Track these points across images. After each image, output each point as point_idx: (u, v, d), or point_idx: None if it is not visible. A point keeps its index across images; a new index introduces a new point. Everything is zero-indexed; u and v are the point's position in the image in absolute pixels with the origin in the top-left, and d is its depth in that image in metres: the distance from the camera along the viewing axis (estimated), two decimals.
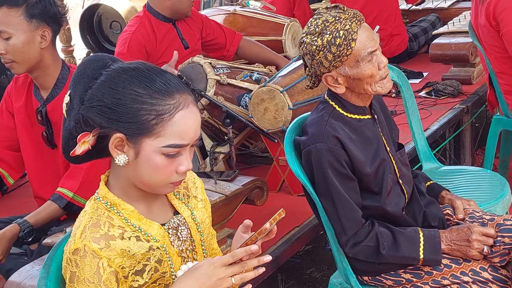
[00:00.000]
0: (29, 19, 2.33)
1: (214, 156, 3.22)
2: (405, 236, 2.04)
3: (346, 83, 2.04)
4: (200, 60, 3.20)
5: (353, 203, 2.03)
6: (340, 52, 1.97)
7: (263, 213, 2.78)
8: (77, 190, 2.35)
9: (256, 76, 3.32)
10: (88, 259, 1.39)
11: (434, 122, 3.65)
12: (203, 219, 1.62)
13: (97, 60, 1.46)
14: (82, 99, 1.41)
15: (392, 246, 2.03)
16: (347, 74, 2.01)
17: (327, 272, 3.19)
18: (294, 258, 3.23)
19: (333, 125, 2.03)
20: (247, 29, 4.16)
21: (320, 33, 1.98)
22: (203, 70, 3.17)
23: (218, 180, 2.56)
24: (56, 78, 2.44)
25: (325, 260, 3.33)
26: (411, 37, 4.92)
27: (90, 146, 1.43)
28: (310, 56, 2.02)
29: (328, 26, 1.97)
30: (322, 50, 1.98)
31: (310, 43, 2.00)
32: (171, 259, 1.50)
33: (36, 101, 2.49)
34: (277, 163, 3.17)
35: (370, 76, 2.01)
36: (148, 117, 1.39)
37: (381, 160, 2.08)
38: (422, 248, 2.02)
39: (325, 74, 2.03)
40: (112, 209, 1.47)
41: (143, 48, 3.42)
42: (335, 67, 2.01)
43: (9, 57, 2.35)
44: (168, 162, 1.42)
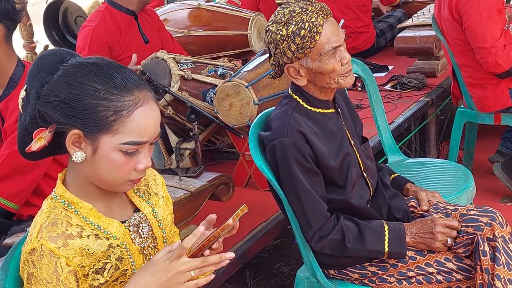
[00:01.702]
0: None
1: (179, 153, 3.19)
2: (370, 229, 2.05)
3: (308, 75, 2.04)
4: (163, 55, 3.16)
5: (318, 197, 2.02)
6: (304, 44, 1.96)
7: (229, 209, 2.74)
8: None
9: (221, 71, 3.30)
10: (45, 259, 1.36)
11: (399, 115, 3.67)
12: (165, 216, 1.60)
13: (54, 54, 1.43)
14: (39, 94, 1.38)
15: (358, 240, 2.03)
16: (309, 67, 2.01)
17: (295, 266, 3.18)
18: (262, 253, 3.22)
19: (297, 120, 2.03)
20: (211, 23, 4.13)
21: (286, 22, 1.97)
22: (166, 66, 3.13)
23: (183, 177, 2.53)
24: (9, 76, 2.38)
25: (293, 255, 3.32)
26: (378, 33, 4.95)
27: (47, 142, 1.39)
28: (274, 45, 2.01)
29: (294, 17, 1.96)
30: (286, 40, 1.97)
31: (275, 32, 1.99)
32: (132, 256, 1.47)
33: None
34: (243, 159, 3.16)
35: (332, 71, 2.01)
36: (106, 113, 1.36)
37: (345, 153, 2.08)
38: (387, 241, 2.03)
39: (287, 64, 2.03)
40: (70, 207, 1.44)
41: (105, 45, 3.37)
42: (298, 58, 2.00)
43: None
44: (126, 159, 1.39)
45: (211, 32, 4.08)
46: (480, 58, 3.17)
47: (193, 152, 3.18)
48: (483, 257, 1.98)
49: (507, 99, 3.29)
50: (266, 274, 3.23)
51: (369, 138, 2.33)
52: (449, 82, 3.79)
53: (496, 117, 3.40)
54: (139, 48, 3.40)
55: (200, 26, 4.13)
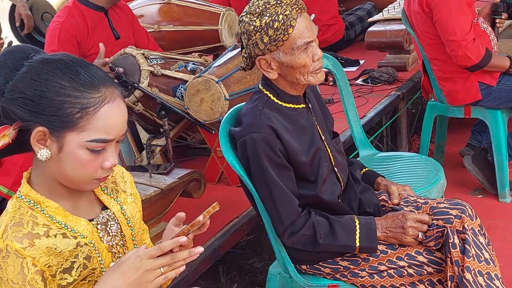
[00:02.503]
0: None
1: (150, 149, 3.16)
2: (341, 224, 2.05)
3: (279, 69, 2.03)
4: (132, 51, 3.13)
5: (289, 192, 2.02)
6: (277, 37, 1.96)
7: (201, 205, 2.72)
8: (12, 186, 2.27)
9: (191, 66, 3.27)
10: (11, 259, 1.33)
11: (371, 109, 3.69)
12: (134, 214, 1.58)
13: (18, 51, 1.40)
14: (2, 91, 1.35)
15: (329, 235, 2.03)
16: (281, 60, 2.00)
17: (268, 262, 3.17)
18: (235, 248, 3.21)
19: (267, 115, 2.02)
20: (182, 18, 4.10)
21: (259, 14, 1.96)
22: (136, 61, 3.10)
23: (154, 174, 2.51)
24: None
25: (266, 250, 3.32)
26: (347, 26, 4.96)
27: (11, 140, 1.36)
28: (247, 35, 2.00)
29: (269, 9, 1.95)
30: (259, 31, 1.96)
31: (248, 23, 1.98)
32: (100, 255, 1.45)
33: None
34: (215, 154, 3.14)
35: (303, 66, 2.00)
36: (72, 110, 1.34)
37: (316, 148, 2.08)
38: (358, 236, 2.04)
39: (259, 56, 2.02)
40: (36, 207, 1.41)
41: (73, 39, 3.32)
42: (270, 50, 1.99)
43: None
44: (92, 157, 1.37)
45: (182, 27, 4.04)
46: (450, 52, 3.20)
47: (164, 148, 3.16)
48: (453, 250, 1.99)
49: (477, 92, 3.32)
50: (240, 270, 3.22)
51: (341, 133, 2.34)
52: (420, 76, 3.82)
53: (466, 110, 3.43)
54: (109, 44, 3.34)
55: (170, 21, 4.09)
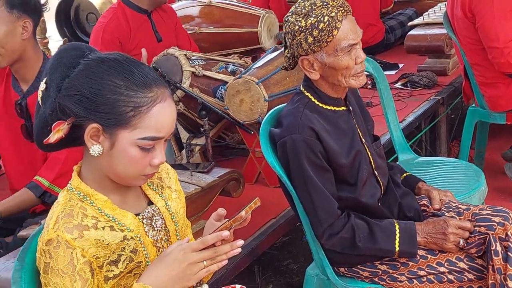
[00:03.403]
0: (10, 9, 2.30)
1: (190, 148, 3.19)
2: (381, 228, 2.04)
3: (321, 70, 2.04)
4: (175, 52, 3.17)
5: (328, 194, 2.02)
6: (321, 37, 1.97)
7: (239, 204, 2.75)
8: (53, 180, 2.33)
9: (231, 67, 3.30)
10: (62, 249, 1.37)
11: (410, 114, 3.67)
12: (177, 209, 1.61)
13: (74, 48, 1.44)
14: (59, 88, 1.39)
15: (368, 238, 2.03)
16: (324, 61, 2.01)
17: (304, 264, 3.18)
18: (271, 249, 3.22)
19: (308, 116, 2.03)
20: (222, 20, 4.14)
21: (305, 14, 1.98)
22: (178, 62, 3.14)
23: (194, 172, 2.54)
24: (38, 70, 2.41)
25: (302, 252, 3.32)
26: (388, 29, 4.95)
27: (64, 134, 1.40)
28: (291, 35, 2.01)
29: (315, 10, 1.97)
30: (304, 31, 1.98)
31: (293, 22, 2.00)
32: (146, 249, 1.48)
33: (15, 94, 2.45)
34: (253, 155, 3.16)
35: (345, 67, 2.01)
36: (126, 108, 1.38)
37: (356, 151, 2.08)
38: (398, 240, 2.02)
39: (302, 56, 2.03)
40: (85, 199, 1.45)
41: (116, 40, 3.39)
42: (313, 51, 2.00)
43: None
44: (142, 154, 1.41)
45: (222, 29, 4.08)
46: (492, 58, 3.16)
47: (203, 148, 3.19)
48: (495, 257, 1.97)
49: None
50: (275, 271, 3.23)
51: (380, 136, 2.32)
52: (460, 81, 3.78)
53: (508, 116, 3.38)
54: (151, 46, 3.41)
55: (210, 23, 4.14)
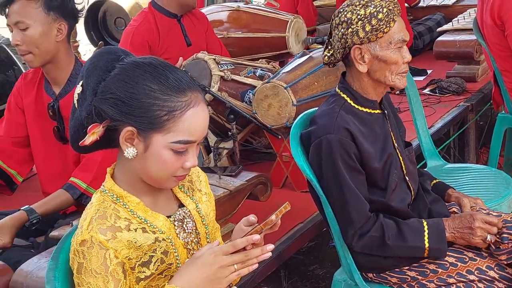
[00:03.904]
0: (47, 11, 2.34)
1: (217, 152, 3.21)
2: (409, 226, 2.04)
3: (370, 63, 2.05)
4: (204, 56, 3.20)
5: (361, 195, 2.02)
6: (379, 26, 2.01)
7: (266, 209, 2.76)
8: (91, 182, 2.36)
9: (259, 72, 3.31)
10: (95, 250, 1.39)
11: (438, 120, 3.65)
12: (208, 212, 1.63)
13: (110, 52, 1.47)
14: (95, 91, 1.41)
15: (397, 236, 2.02)
16: (375, 54, 2.03)
17: (330, 269, 3.18)
18: (297, 254, 3.22)
19: (344, 117, 2.03)
20: (250, 25, 4.16)
21: (364, 5, 2.02)
22: (207, 66, 3.17)
23: (222, 175, 2.55)
24: (69, 73, 2.44)
25: (328, 257, 3.32)
26: (416, 35, 4.92)
27: (99, 137, 1.43)
28: (346, 24, 2.03)
29: (373, 1, 2.02)
30: (362, 20, 2.01)
31: (351, 11, 2.02)
32: (177, 250, 1.50)
33: (48, 96, 2.49)
34: (280, 159, 3.17)
35: (395, 62, 2.04)
36: (160, 112, 1.39)
37: (388, 155, 2.08)
38: (427, 237, 2.02)
39: (356, 45, 2.04)
40: (118, 201, 1.47)
41: (146, 44, 3.42)
42: (368, 40, 2.02)
43: (25, 48, 2.35)
44: (175, 157, 1.43)
45: (250, 34, 4.10)
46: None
47: (231, 151, 3.21)
48: None
49: None
50: (301, 276, 3.23)
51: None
52: (490, 87, 3.74)
53: None
54: (181, 50, 3.44)
55: (239, 28, 4.15)
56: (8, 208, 2.60)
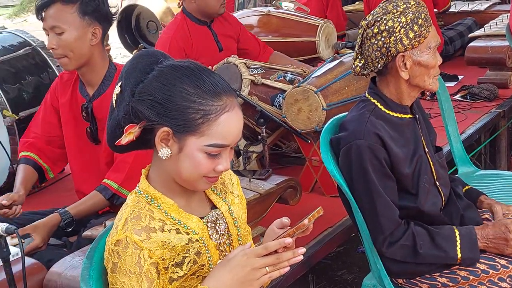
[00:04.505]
0: (82, 16, 2.39)
1: (247, 155, 3.23)
2: (441, 235, 2.03)
3: (411, 69, 2.04)
4: (235, 60, 3.22)
5: (390, 201, 2.01)
6: (421, 32, 2.01)
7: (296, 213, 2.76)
8: (122, 182, 2.40)
9: (290, 76, 3.32)
10: (130, 250, 1.41)
11: (470, 126, 3.62)
12: (240, 215, 1.64)
13: (149, 55, 1.49)
14: (133, 92, 1.44)
15: (429, 245, 2.01)
16: (417, 60, 2.03)
17: (358, 275, 3.17)
18: (325, 259, 3.22)
19: (374, 123, 2.03)
20: (280, 30, 4.17)
21: (402, 12, 2.01)
22: (238, 70, 3.19)
23: (253, 179, 2.57)
24: (103, 75, 2.49)
25: (356, 262, 3.31)
26: (447, 41, 4.88)
27: (135, 137, 1.45)
28: (387, 33, 2.01)
29: (410, 8, 2.02)
30: (405, 27, 2.00)
31: (392, 19, 2.01)
32: (209, 251, 1.51)
33: (82, 98, 2.54)
34: (310, 164, 3.17)
35: (433, 66, 2.05)
36: (195, 116, 1.41)
37: (419, 160, 2.07)
38: (459, 247, 2.01)
39: (401, 53, 2.03)
40: (153, 202, 1.49)
41: (182, 51, 3.47)
42: (412, 46, 2.02)
43: (60, 52, 2.41)
44: (208, 161, 1.45)
45: (280, 38, 4.12)
46: None
47: (260, 155, 3.22)
48: None
49: None
50: (329, 281, 3.22)
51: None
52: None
53: None
54: (213, 56, 3.48)
55: (269, 32, 4.18)
56: (43, 207, 2.66)
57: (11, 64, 3.38)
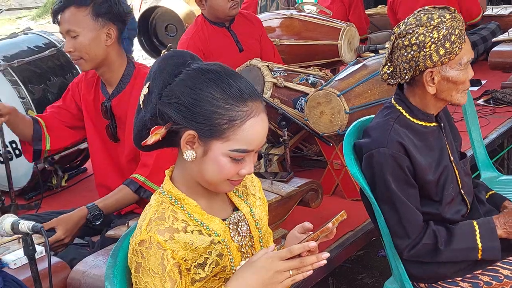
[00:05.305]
0: (95, 18, 2.42)
1: (268, 158, 3.23)
2: (460, 229, 2.03)
3: (439, 84, 2.01)
4: (258, 63, 3.23)
5: (413, 207, 2.01)
6: (452, 49, 1.96)
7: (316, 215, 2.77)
8: (148, 175, 2.42)
9: (312, 79, 3.33)
10: (153, 250, 1.42)
11: (493, 131, 3.59)
12: (261, 217, 1.64)
13: (177, 56, 1.49)
14: (161, 94, 1.45)
15: (449, 240, 2.01)
16: (446, 75, 1.99)
17: (379, 279, 3.16)
18: (345, 262, 3.21)
19: (398, 131, 2.01)
20: (303, 33, 4.18)
21: (436, 26, 1.95)
22: (260, 73, 3.20)
23: (274, 181, 2.57)
24: (121, 74, 2.51)
25: (377, 266, 3.30)
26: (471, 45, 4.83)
27: (161, 137, 1.46)
28: (417, 47, 1.96)
29: (445, 22, 1.95)
30: (436, 43, 1.95)
31: (423, 34, 1.95)
32: (231, 253, 1.52)
33: (102, 96, 2.58)
34: (331, 167, 3.17)
35: (463, 82, 2.01)
36: (221, 121, 1.42)
37: (444, 169, 2.06)
38: (478, 236, 2.01)
39: (429, 69, 1.99)
40: (176, 203, 1.50)
41: (200, 52, 3.50)
42: (442, 63, 1.98)
43: (77, 54, 2.45)
44: (232, 164, 1.45)
45: (302, 41, 4.12)
46: None
47: (281, 158, 3.22)
48: None
49: None
50: (349, 284, 3.21)
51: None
52: None
53: None
54: (233, 57, 3.49)
55: (291, 35, 4.18)
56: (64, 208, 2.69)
57: (37, 65, 3.43)
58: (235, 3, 3.53)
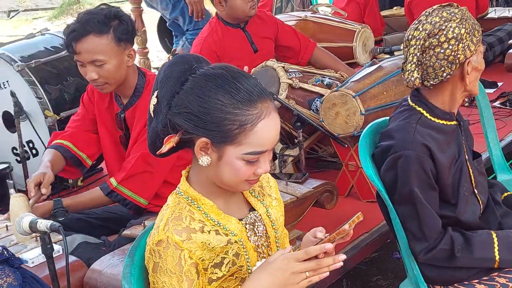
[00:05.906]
0: (118, 43, 2.41)
1: (283, 159, 3.24)
2: (478, 238, 2.02)
3: (470, 75, 2.03)
4: (273, 64, 3.24)
5: (434, 212, 2.01)
6: (480, 37, 2.03)
7: (331, 217, 2.78)
8: (121, 181, 2.44)
9: (327, 80, 3.33)
10: (171, 250, 1.43)
11: (509, 133, 3.57)
12: (278, 217, 1.65)
13: (182, 62, 1.48)
14: (170, 104, 1.45)
15: (466, 249, 2.00)
16: (475, 65, 2.03)
17: (393, 281, 3.14)
18: (359, 264, 3.20)
19: (421, 132, 2.01)
20: (317, 35, 4.17)
21: (461, 19, 1.99)
22: (276, 74, 3.21)
23: (290, 182, 2.58)
24: (134, 87, 2.53)
25: (391, 268, 3.28)
26: (486, 46, 4.81)
27: (174, 144, 1.47)
28: (455, 40, 1.96)
29: (465, 13, 2.02)
30: (469, 33, 1.98)
31: (458, 26, 1.97)
32: (247, 253, 1.53)
33: (117, 106, 2.60)
34: (346, 168, 3.16)
35: (482, 68, 2.06)
36: (232, 127, 1.42)
37: (459, 168, 2.05)
38: (497, 248, 2.00)
39: (468, 59, 2.00)
40: (193, 203, 1.51)
41: (214, 54, 3.50)
42: (476, 51, 2.02)
43: (102, 81, 2.44)
44: (248, 166, 1.46)
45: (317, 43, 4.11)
46: None
47: (296, 159, 3.22)
48: None
49: None
50: (363, 286, 3.21)
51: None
52: None
53: None
54: (248, 58, 3.50)
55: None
56: None
57: (53, 65, 3.46)
58: (254, 3, 3.54)
